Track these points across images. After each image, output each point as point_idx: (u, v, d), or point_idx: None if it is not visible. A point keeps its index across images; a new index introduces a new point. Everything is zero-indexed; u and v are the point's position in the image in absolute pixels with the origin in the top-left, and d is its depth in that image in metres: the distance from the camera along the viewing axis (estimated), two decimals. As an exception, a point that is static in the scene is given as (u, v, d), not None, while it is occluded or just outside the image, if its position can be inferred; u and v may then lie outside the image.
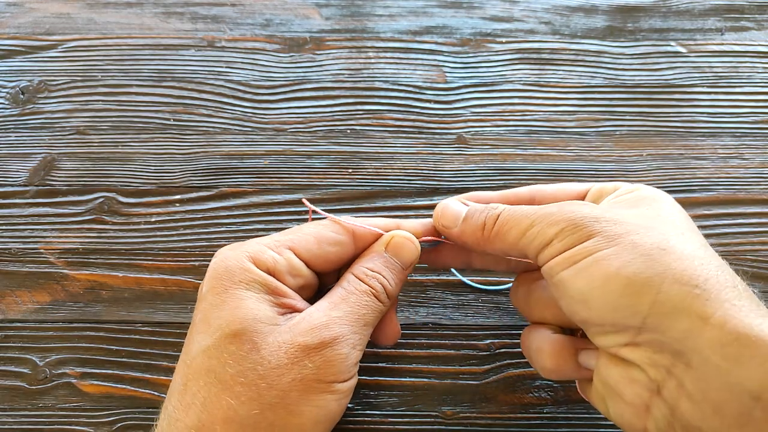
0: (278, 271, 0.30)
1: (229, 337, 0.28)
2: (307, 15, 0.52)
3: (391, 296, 0.32)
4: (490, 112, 0.47)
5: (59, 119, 0.47)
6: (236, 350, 0.27)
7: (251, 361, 0.27)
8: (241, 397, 0.27)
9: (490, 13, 0.52)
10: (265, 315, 0.28)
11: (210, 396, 0.27)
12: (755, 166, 0.44)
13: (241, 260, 0.30)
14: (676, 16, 0.52)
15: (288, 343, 0.28)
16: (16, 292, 0.40)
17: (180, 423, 0.27)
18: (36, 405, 0.36)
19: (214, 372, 0.27)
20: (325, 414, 0.28)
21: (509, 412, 0.36)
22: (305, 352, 0.28)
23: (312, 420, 0.27)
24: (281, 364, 0.27)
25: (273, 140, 0.46)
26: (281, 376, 0.27)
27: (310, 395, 0.27)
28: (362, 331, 0.30)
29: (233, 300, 0.29)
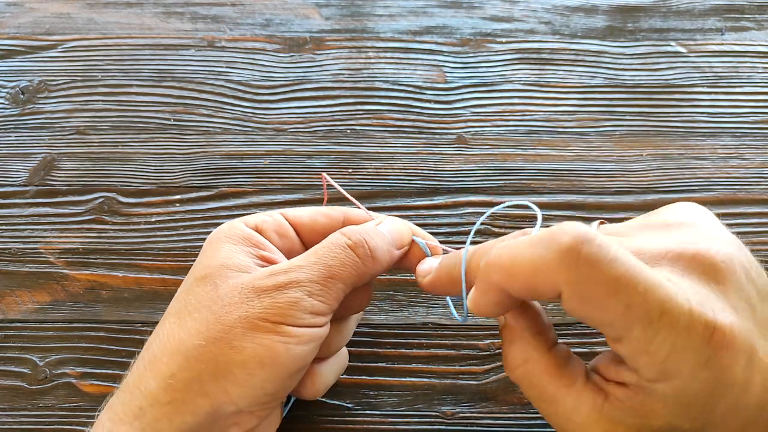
0: (264, 228, 0.31)
1: (197, 280, 0.29)
2: (307, 15, 0.52)
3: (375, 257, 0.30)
4: (490, 112, 0.47)
5: (59, 119, 0.47)
6: (199, 291, 0.29)
7: (208, 299, 0.28)
8: (192, 330, 0.27)
9: (490, 13, 0.52)
10: (236, 262, 0.29)
11: (167, 332, 0.28)
12: (755, 166, 0.44)
13: (234, 222, 0.31)
14: (676, 16, 0.52)
15: (244, 284, 0.28)
16: (16, 292, 0.40)
17: (140, 360, 0.28)
18: (36, 405, 0.36)
19: (178, 312, 0.29)
20: (270, 355, 0.27)
21: (509, 412, 0.36)
22: (257, 292, 0.28)
23: (254, 358, 0.27)
24: (233, 302, 0.28)
25: (273, 140, 0.46)
26: (229, 313, 0.27)
27: (254, 332, 0.27)
28: (327, 283, 0.28)
29: (211, 251, 0.30)
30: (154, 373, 0.27)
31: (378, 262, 0.30)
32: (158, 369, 0.27)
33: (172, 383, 0.27)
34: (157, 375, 0.27)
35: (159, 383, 0.27)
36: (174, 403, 0.27)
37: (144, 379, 0.27)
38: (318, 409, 0.36)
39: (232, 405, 0.27)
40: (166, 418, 0.27)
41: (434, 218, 0.42)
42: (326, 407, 0.36)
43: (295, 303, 0.27)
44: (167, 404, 0.27)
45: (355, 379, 0.37)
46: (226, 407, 0.27)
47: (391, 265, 0.32)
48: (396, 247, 0.32)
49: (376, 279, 0.39)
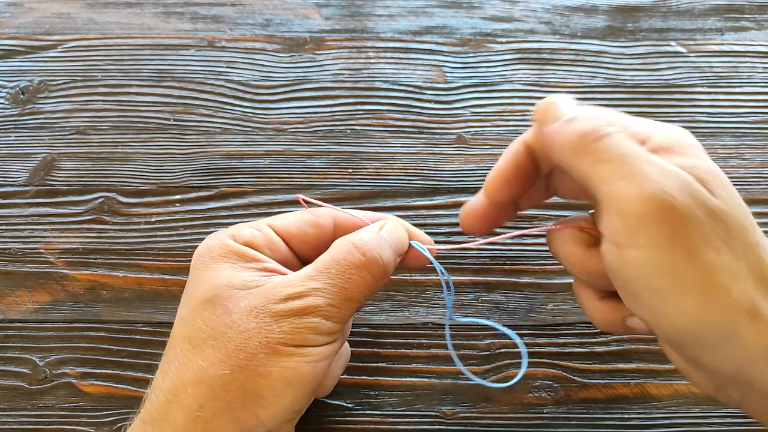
0: (256, 244, 0.31)
1: (203, 303, 0.28)
2: (307, 15, 0.52)
3: (386, 272, 0.30)
4: (490, 112, 0.47)
5: (59, 119, 0.47)
6: (209, 315, 0.28)
7: (222, 325, 0.28)
8: (212, 358, 0.27)
9: (490, 13, 0.52)
10: (239, 281, 0.29)
11: (184, 360, 0.28)
12: (755, 166, 0.44)
13: (221, 237, 0.31)
14: (676, 16, 0.52)
15: (258, 308, 0.28)
16: (16, 292, 0.40)
17: (157, 389, 0.28)
18: (36, 405, 0.36)
19: (188, 338, 0.28)
20: (296, 376, 0.27)
21: (509, 412, 0.36)
22: (274, 318, 0.27)
23: (281, 381, 0.27)
24: (250, 327, 0.27)
25: (273, 140, 0.46)
26: (249, 339, 0.27)
27: (278, 357, 0.27)
28: (343, 305, 0.29)
29: (210, 271, 0.29)
30: (180, 404, 0.27)
31: (388, 275, 0.31)
32: (184, 401, 0.27)
33: (201, 415, 0.27)
34: (184, 407, 0.27)
35: (187, 415, 0.27)
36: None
37: (170, 412, 0.27)
38: (318, 409, 0.36)
39: (261, 426, 0.27)
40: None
41: (434, 218, 0.42)
42: (326, 407, 0.36)
43: (315, 328, 0.28)
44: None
45: (355, 379, 0.37)
46: (257, 429, 0.27)
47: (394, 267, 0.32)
48: (398, 255, 0.32)
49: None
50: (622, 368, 0.37)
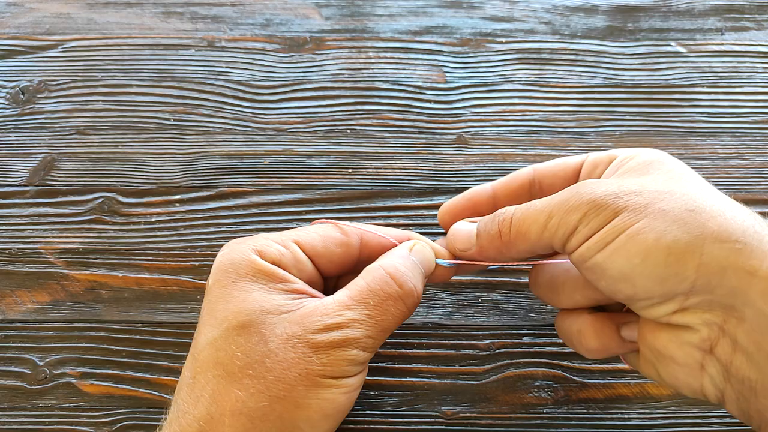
0: (284, 263, 0.30)
1: (236, 329, 0.28)
2: (307, 15, 0.52)
3: (418, 301, 0.31)
4: (490, 112, 0.47)
5: (59, 119, 0.47)
6: (244, 342, 0.27)
7: (259, 354, 0.27)
8: (250, 389, 0.27)
9: (490, 13, 0.52)
10: (273, 306, 0.28)
11: (219, 388, 0.27)
12: (755, 166, 0.44)
13: (247, 253, 0.30)
14: (676, 16, 0.52)
15: (296, 337, 0.27)
16: (16, 292, 0.40)
17: (189, 415, 0.27)
18: (36, 405, 0.36)
19: (222, 364, 0.27)
20: (333, 407, 0.28)
21: (509, 412, 0.36)
22: (313, 348, 0.27)
23: (320, 413, 0.27)
24: (288, 357, 0.27)
25: (273, 140, 0.46)
26: (288, 370, 0.27)
27: (317, 389, 0.27)
28: (379, 336, 0.29)
29: (239, 292, 0.29)
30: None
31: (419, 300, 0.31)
32: (221, 430, 0.27)
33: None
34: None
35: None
36: None
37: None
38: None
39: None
40: None
41: (434, 218, 0.42)
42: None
43: (353, 360, 0.28)
44: None
45: (355, 379, 0.37)
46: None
47: None
48: (425, 276, 0.32)
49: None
50: (622, 368, 0.37)
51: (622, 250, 0.26)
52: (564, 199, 0.28)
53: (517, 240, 0.29)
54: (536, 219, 0.28)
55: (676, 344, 0.27)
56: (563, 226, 0.28)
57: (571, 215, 0.27)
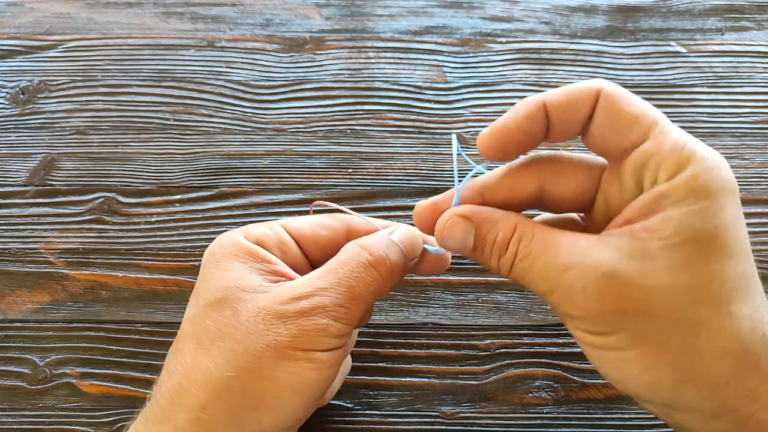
0: (267, 243, 0.30)
1: (212, 304, 0.28)
2: (307, 15, 0.52)
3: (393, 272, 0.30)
4: (490, 112, 0.47)
5: (59, 119, 0.47)
6: (218, 317, 0.28)
7: (230, 327, 0.27)
8: (218, 360, 0.27)
9: (490, 13, 0.52)
10: (249, 283, 0.29)
11: (191, 360, 0.28)
12: (755, 166, 0.44)
13: (234, 234, 0.31)
14: (676, 16, 0.52)
15: (266, 309, 0.27)
16: (16, 292, 0.40)
17: (163, 387, 0.28)
18: (36, 405, 0.36)
19: (196, 338, 0.28)
20: (303, 383, 0.27)
21: (509, 412, 0.36)
22: (281, 319, 0.27)
23: (288, 387, 0.27)
24: (257, 329, 0.27)
25: (273, 140, 0.46)
26: (256, 342, 0.27)
27: (285, 362, 0.27)
28: (350, 305, 0.28)
29: (220, 270, 0.29)
30: (184, 404, 0.27)
31: (397, 277, 0.30)
32: (188, 401, 0.27)
33: (204, 417, 0.26)
34: (188, 407, 0.27)
35: (190, 416, 0.27)
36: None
37: (174, 411, 0.27)
38: (318, 409, 0.36)
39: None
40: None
41: (434, 218, 0.42)
42: (326, 407, 0.36)
43: (323, 329, 0.27)
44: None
45: (355, 379, 0.37)
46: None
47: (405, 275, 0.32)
48: (409, 259, 0.31)
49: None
50: (622, 368, 0.37)
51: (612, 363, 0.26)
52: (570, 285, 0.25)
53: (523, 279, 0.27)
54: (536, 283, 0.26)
55: None
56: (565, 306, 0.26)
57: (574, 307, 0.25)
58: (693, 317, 0.24)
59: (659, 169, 0.25)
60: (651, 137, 0.25)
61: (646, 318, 0.24)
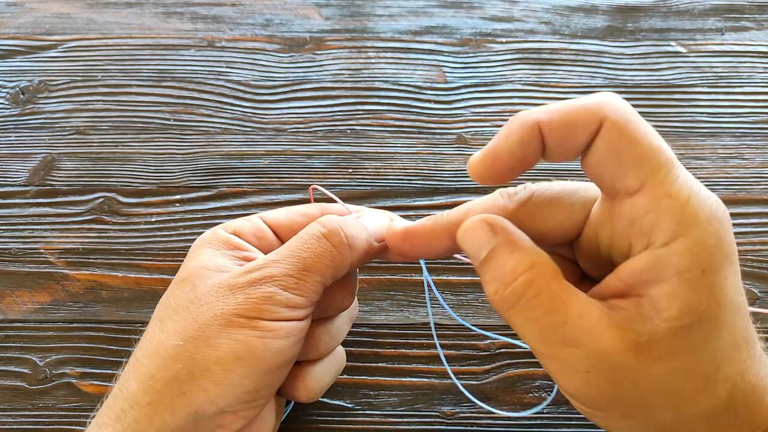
0: (242, 232, 0.31)
1: (177, 283, 0.30)
2: (307, 15, 0.52)
3: (352, 245, 0.29)
4: (490, 112, 0.47)
5: (59, 119, 0.47)
6: (179, 292, 0.29)
7: (186, 300, 0.28)
8: (170, 331, 0.28)
9: (490, 13, 0.52)
10: (215, 264, 0.29)
11: (150, 336, 0.29)
12: (755, 166, 0.44)
13: (214, 228, 0.32)
14: (676, 16, 0.52)
15: (221, 283, 0.28)
16: (16, 292, 0.40)
17: (127, 361, 0.29)
18: (36, 405, 0.36)
19: (158, 315, 0.29)
20: (246, 350, 0.27)
21: (509, 412, 0.36)
22: (231, 289, 0.28)
23: (230, 354, 0.26)
24: (209, 301, 0.28)
25: (273, 140, 0.46)
26: (206, 312, 0.27)
27: (229, 329, 0.27)
28: (302, 275, 0.28)
29: (194, 256, 0.30)
30: (135, 375, 0.28)
31: (355, 251, 0.29)
32: (139, 371, 0.27)
33: (152, 384, 0.27)
34: (138, 377, 0.27)
35: (139, 385, 0.27)
36: (153, 404, 0.27)
37: (126, 382, 0.28)
38: (318, 409, 0.36)
39: (212, 405, 0.27)
40: (145, 419, 0.26)
41: (434, 218, 0.42)
42: (326, 407, 0.36)
43: (269, 297, 0.27)
44: (146, 405, 0.27)
45: (355, 379, 0.37)
46: (207, 407, 0.27)
47: (370, 256, 0.31)
48: (376, 240, 0.31)
49: (376, 279, 0.39)
50: (622, 368, 0.37)
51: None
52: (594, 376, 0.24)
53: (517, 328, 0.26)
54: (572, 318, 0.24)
55: None
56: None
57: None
58: (684, 393, 0.24)
59: (655, 229, 0.23)
60: (647, 188, 0.23)
61: (639, 401, 0.24)
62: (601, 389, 0.24)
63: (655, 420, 0.25)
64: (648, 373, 0.23)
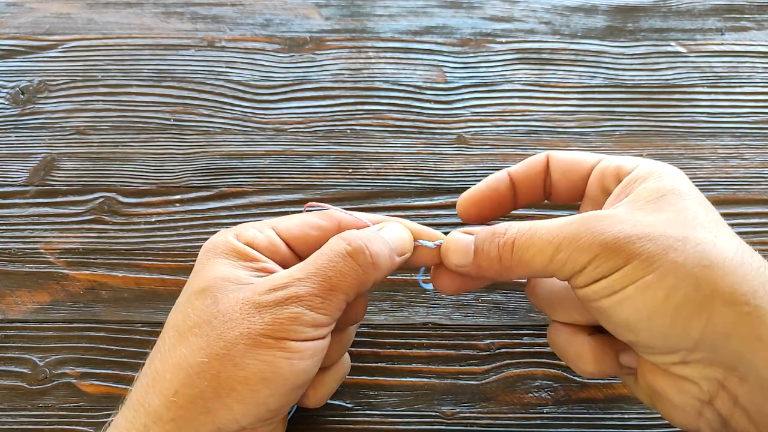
0: (257, 245, 0.31)
1: (196, 293, 0.29)
2: (307, 15, 0.52)
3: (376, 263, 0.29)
4: (490, 112, 0.47)
5: (59, 119, 0.47)
6: (199, 305, 0.28)
7: (208, 314, 0.28)
8: (193, 346, 0.27)
9: (490, 13, 0.52)
10: (235, 276, 0.29)
11: (169, 347, 0.28)
12: (755, 166, 0.44)
13: (226, 235, 0.31)
14: (676, 16, 0.52)
15: (245, 299, 0.28)
16: (16, 292, 0.40)
17: (143, 373, 0.29)
18: (36, 405, 0.36)
19: (177, 326, 0.29)
20: (273, 371, 0.27)
21: (509, 412, 0.36)
22: (257, 308, 0.27)
23: (257, 375, 0.27)
24: (233, 318, 0.27)
25: (273, 140, 0.46)
26: (231, 329, 0.27)
27: (257, 349, 0.27)
28: (327, 295, 0.28)
29: (210, 265, 0.30)
30: (157, 390, 0.27)
31: (379, 270, 0.30)
32: (161, 386, 0.27)
33: (175, 401, 0.27)
34: (161, 392, 0.27)
35: (162, 401, 0.27)
36: (177, 421, 0.26)
37: (148, 396, 0.27)
38: (318, 409, 0.36)
39: (234, 423, 0.27)
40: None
41: (434, 218, 0.42)
42: (326, 407, 0.36)
43: (296, 318, 0.27)
44: (170, 422, 0.27)
45: (355, 379, 0.37)
46: (230, 425, 0.27)
47: (392, 271, 0.31)
48: (397, 254, 0.31)
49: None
50: (622, 368, 0.37)
51: (629, 301, 0.26)
52: (574, 234, 0.27)
53: (519, 267, 0.28)
54: (542, 249, 0.27)
55: (675, 390, 0.27)
56: (571, 263, 0.27)
57: (580, 255, 0.26)
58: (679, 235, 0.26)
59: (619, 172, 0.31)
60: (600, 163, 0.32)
61: (648, 242, 0.26)
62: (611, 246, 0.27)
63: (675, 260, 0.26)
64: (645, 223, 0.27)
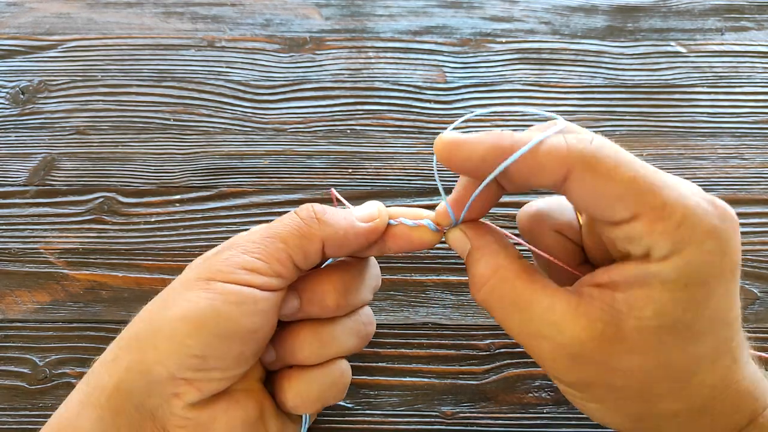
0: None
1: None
2: (307, 15, 0.52)
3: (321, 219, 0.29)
4: (490, 112, 0.47)
5: (59, 119, 0.47)
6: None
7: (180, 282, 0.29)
8: (149, 306, 0.29)
9: (490, 13, 0.52)
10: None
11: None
12: (755, 166, 0.44)
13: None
14: (676, 16, 0.52)
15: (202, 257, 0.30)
16: (16, 292, 0.40)
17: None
18: (36, 405, 0.36)
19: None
20: (192, 309, 0.27)
21: (509, 412, 0.36)
22: (204, 259, 0.29)
23: (178, 314, 0.27)
24: (185, 271, 0.29)
25: (273, 140, 0.46)
26: (176, 279, 0.29)
27: (186, 291, 0.28)
28: (264, 241, 0.28)
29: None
30: (116, 340, 0.29)
31: (326, 225, 0.29)
32: (119, 336, 0.29)
33: (120, 344, 0.29)
34: (117, 341, 0.29)
35: (111, 346, 0.29)
36: (115, 360, 0.28)
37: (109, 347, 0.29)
38: (318, 409, 0.36)
39: (161, 365, 0.26)
40: (107, 373, 0.28)
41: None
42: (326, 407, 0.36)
43: (227, 259, 0.28)
44: (110, 361, 0.28)
45: (355, 379, 0.37)
46: (158, 368, 0.27)
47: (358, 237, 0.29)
48: (361, 219, 0.29)
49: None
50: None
51: None
52: None
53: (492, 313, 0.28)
54: None
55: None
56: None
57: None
58: (653, 390, 0.25)
59: (651, 248, 0.23)
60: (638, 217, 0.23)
61: (609, 389, 0.25)
62: (570, 374, 0.26)
63: (625, 410, 0.26)
64: (616, 363, 0.24)
